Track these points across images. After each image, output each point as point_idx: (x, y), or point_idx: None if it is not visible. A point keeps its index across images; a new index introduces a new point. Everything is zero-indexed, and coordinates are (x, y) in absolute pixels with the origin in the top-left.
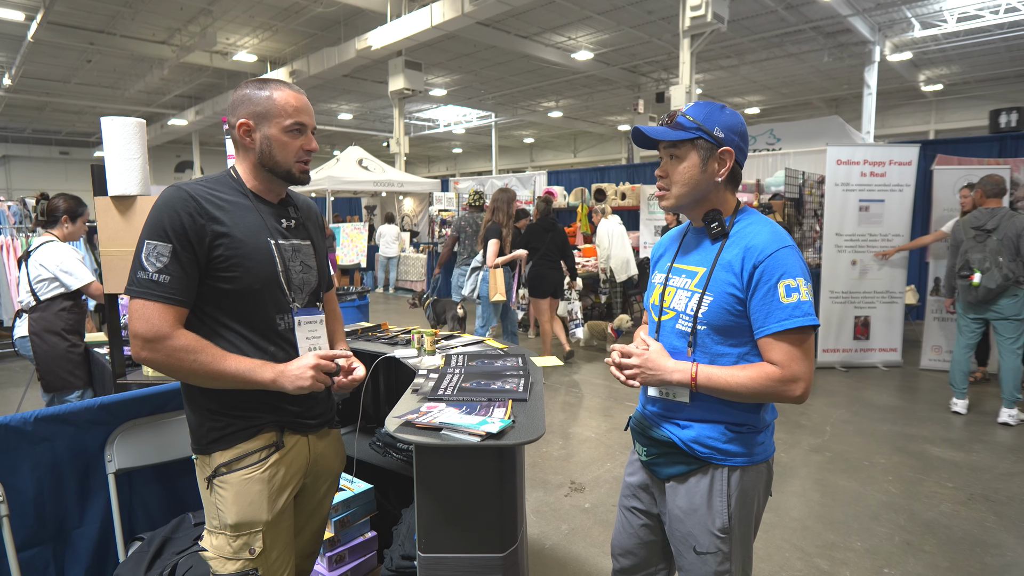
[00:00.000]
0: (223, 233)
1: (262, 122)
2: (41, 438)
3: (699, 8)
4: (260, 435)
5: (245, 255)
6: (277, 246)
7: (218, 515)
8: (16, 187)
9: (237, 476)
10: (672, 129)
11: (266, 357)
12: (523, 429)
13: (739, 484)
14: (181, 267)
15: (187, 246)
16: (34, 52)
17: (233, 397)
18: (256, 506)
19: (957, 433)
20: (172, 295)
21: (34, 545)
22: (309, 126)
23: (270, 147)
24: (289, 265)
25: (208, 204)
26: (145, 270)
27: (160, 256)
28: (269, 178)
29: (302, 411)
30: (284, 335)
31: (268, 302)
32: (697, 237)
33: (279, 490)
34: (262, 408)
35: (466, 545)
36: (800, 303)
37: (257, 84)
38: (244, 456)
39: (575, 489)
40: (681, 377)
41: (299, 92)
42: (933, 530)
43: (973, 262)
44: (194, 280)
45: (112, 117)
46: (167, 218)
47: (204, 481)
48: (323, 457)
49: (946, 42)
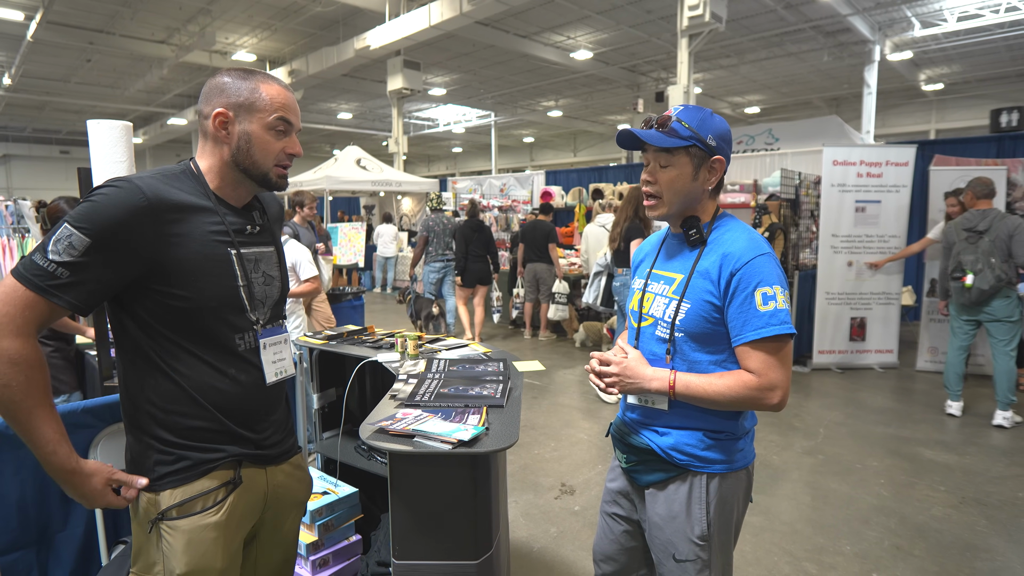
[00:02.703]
0: (176, 243)
1: (242, 115)
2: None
3: (697, 8)
4: (216, 471)
5: (199, 268)
6: (238, 256)
7: (162, 562)
8: (16, 186)
9: (190, 522)
10: (667, 135)
11: (226, 381)
12: (497, 436)
13: (718, 491)
14: (89, 270)
15: (114, 252)
16: (34, 52)
17: (189, 423)
18: (210, 555)
19: (951, 436)
20: (58, 293)
21: (17, 549)
22: (295, 126)
23: (248, 144)
24: (252, 278)
25: (163, 207)
26: (46, 255)
27: (71, 248)
28: (239, 179)
29: (262, 439)
30: (245, 356)
31: (226, 321)
32: (676, 243)
33: (234, 533)
34: (221, 438)
35: (440, 552)
36: (777, 311)
37: (240, 73)
38: (198, 497)
39: (565, 491)
40: (659, 385)
41: (287, 89)
42: (924, 534)
43: (965, 264)
44: (102, 290)
45: (98, 120)
46: (105, 214)
47: (145, 523)
48: (283, 488)
49: (946, 41)
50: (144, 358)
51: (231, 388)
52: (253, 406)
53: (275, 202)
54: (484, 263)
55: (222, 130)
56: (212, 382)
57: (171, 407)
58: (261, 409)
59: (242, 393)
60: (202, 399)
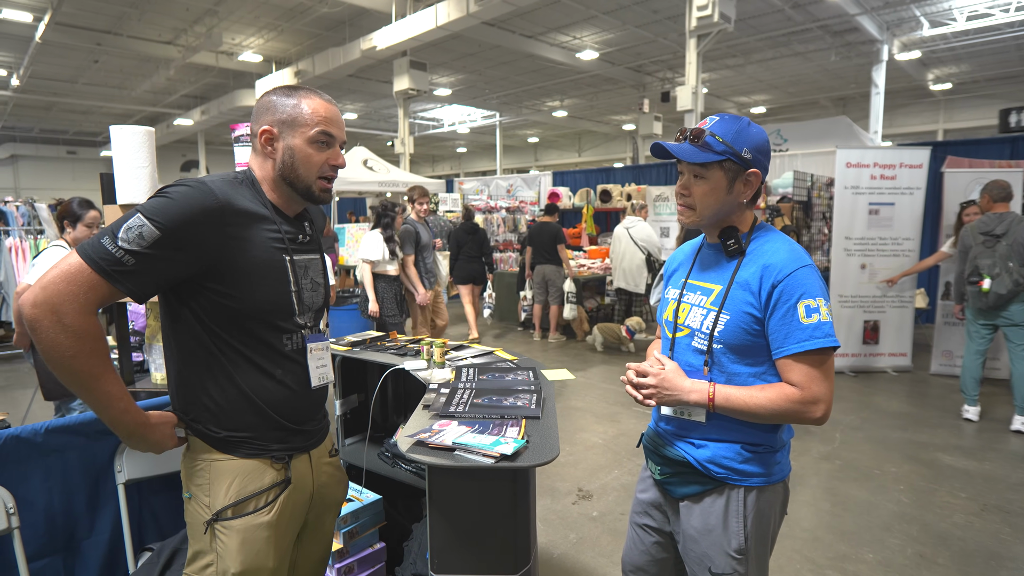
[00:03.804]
0: (237, 247)
1: (286, 131)
2: (52, 449)
3: (706, 8)
4: (265, 459)
5: (256, 272)
6: (291, 263)
7: (216, 562)
8: (24, 186)
9: (244, 522)
10: (700, 150)
11: (273, 382)
12: (537, 450)
13: (756, 505)
14: (153, 263)
15: (180, 249)
16: (42, 53)
17: (240, 419)
18: (263, 554)
19: (969, 441)
20: (121, 279)
21: (45, 556)
22: (337, 139)
23: (292, 158)
24: (302, 284)
25: (231, 211)
26: (116, 240)
27: (140, 239)
28: (289, 193)
29: (309, 432)
30: (292, 357)
31: (275, 324)
32: (712, 253)
33: (284, 532)
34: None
35: (479, 566)
36: (821, 324)
37: (285, 91)
38: (251, 498)
39: (583, 497)
40: (698, 398)
41: (331, 102)
42: (946, 542)
43: (982, 268)
44: (160, 282)
45: (121, 126)
46: (178, 211)
47: (201, 525)
48: (326, 488)
49: (955, 41)
50: (202, 352)
51: (278, 388)
52: (302, 404)
53: (320, 214)
54: (478, 264)
55: (268, 146)
56: (262, 380)
57: (224, 402)
58: (309, 408)
59: (289, 393)
60: (254, 396)
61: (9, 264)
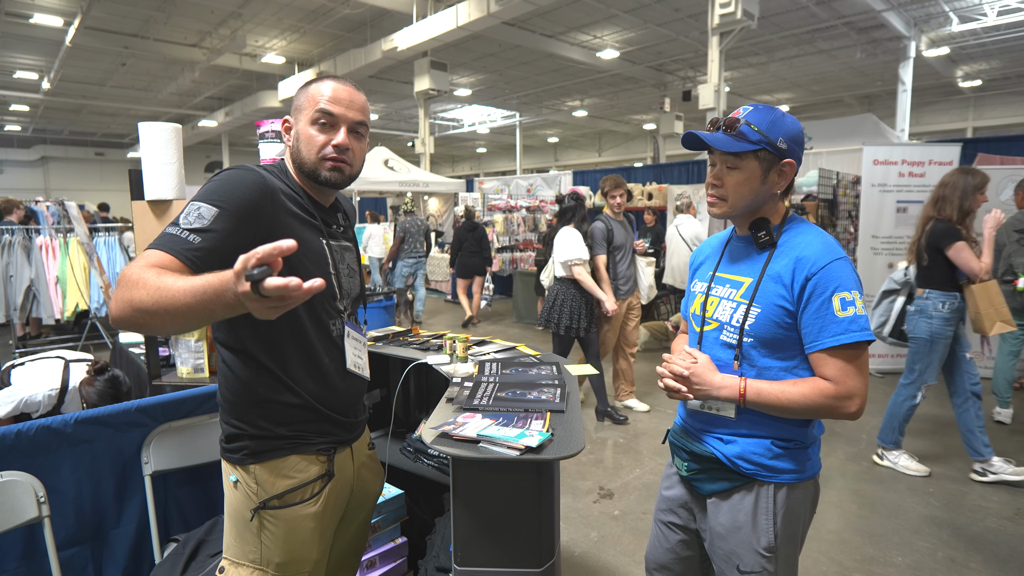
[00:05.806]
0: (282, 230)
1: (296, 116)
2: (81, 440)
3: (728, 5)
4: (311, 455)
5: (298, 255)
6: (329, 247)
7: (260, 550)
8: (54, 187)
9: (291, 512)
10: (735, 139)
11: (321, 370)
12: (562, 443)
13: (786, 502)
14: (214, 238)
15: (237, 224)
16: (71, 56)
17: (287, 414)
18: (308, 545)
19: (1002, 444)
20: (191, 256)
21: (73, 545)
22: (340, 118)
23: (298, 143)
24: (339, 268)
25: (277, 195)
26: (177, 225)
27: (201, 217)
28: (309, 181)
29: (352, 423)
30: (337, 342)
31: (323, 306)
32: (742, 246)
33: (328, 524)
34: (316, 427)
35: (503, 559)
36: (856, 317)
37: (307, 82)
38: (297, 489)
39: (604, 495)
40: (729, 393)
41: (343, 83)
42: (979, 546)
43: (1017, 267)
44: (217, 258)
45: (149, 122)
46: (233, 189)
47: (247, 512)
48: (364, 480)
49: (985, 36)
50: (255, 346)
51: (324, 378)
52: (346, 393)
53: (350, 205)
54: (479, 258)
55: (287, 135)
56: (311, 370)
57: (272, 396)
58: (352, 399)
59: (335, 382)
60: (301, 389)
61: (40, 261)
